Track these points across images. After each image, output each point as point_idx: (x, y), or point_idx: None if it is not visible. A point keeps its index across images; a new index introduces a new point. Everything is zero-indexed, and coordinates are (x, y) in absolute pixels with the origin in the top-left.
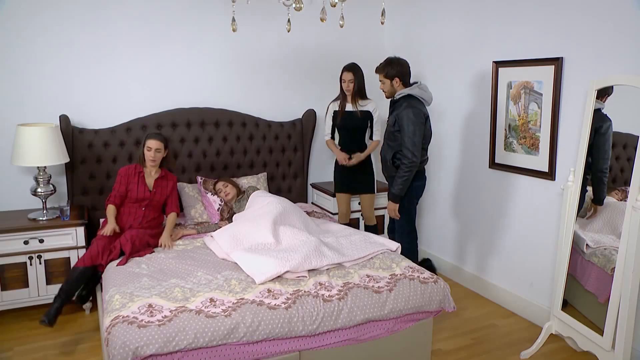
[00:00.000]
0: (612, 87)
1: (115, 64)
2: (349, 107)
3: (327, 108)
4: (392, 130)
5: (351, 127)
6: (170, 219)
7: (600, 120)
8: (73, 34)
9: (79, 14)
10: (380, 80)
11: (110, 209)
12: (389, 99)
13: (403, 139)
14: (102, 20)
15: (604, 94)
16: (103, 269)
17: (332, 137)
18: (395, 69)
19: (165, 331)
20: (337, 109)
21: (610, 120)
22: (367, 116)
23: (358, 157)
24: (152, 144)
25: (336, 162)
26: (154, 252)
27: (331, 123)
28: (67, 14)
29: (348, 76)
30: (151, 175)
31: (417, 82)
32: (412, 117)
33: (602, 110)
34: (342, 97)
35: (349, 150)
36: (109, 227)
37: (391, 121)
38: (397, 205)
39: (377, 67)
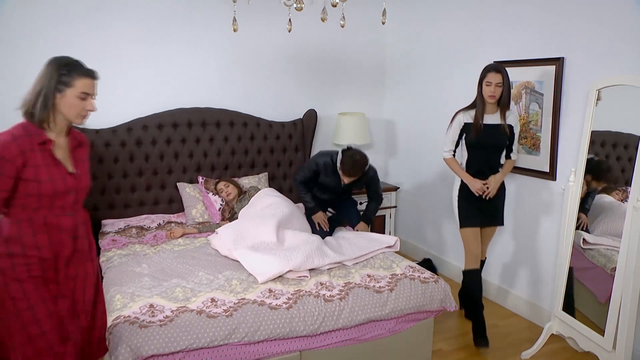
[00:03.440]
0: None
1: (116, 63)
2: (490, 119)
3: (452, 118)
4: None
5: (491, 145)
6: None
7: None
8: (73, 34)
9: (79, 13)
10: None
11: None
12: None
13: (375, 188)
14: (102, 20)
15: None
16: None
17: (454, 155)
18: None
19: (167, 331)
20: (469, 120)
21: None
22: (510, 131)
23: (497, 181)
24: (90, 86)
25: (461, 188)
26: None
27: (456, 138)
28: (68, 14)
29: (496, 78)
30: (61, 144)
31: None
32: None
33: None
34: (480, 105)
35: (478, 175)
36: None
37: (360, 186)
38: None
39: (355, 173)
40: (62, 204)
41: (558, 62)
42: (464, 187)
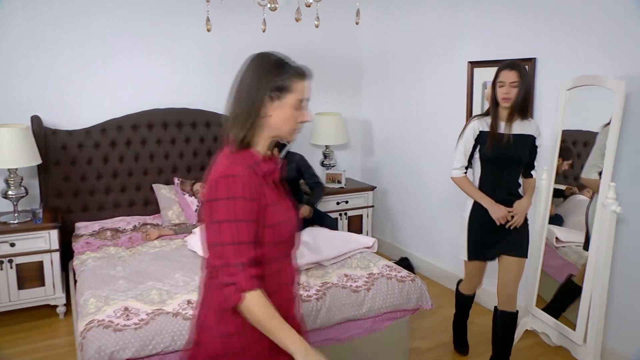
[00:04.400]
0: None
1: (89, 63)
2: (505, 127)
3: (464, 127)
4: (295, 178)
5: (508, 160)
6: None
7: None
8: (46, 34)
9: (51, 14)
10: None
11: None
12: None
13: (310, 174)
14: (75, 20)
15: None
16: None
17: (466, 172)
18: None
19: (142, 335)
20: (485, 128)
21: None
22: (529, 143)
23: (524, 209)
24: (308, 89)
25: (473, 215)
26: None
27: (470, 150)
28: (40, 14)
29: (510, 77)
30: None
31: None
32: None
33: None
34: (493, 111)
35: (496, 198)
36: None
37: (292, 174)
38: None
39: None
40: (289, 250)
41: (530, 62)
42: (478, 214)
